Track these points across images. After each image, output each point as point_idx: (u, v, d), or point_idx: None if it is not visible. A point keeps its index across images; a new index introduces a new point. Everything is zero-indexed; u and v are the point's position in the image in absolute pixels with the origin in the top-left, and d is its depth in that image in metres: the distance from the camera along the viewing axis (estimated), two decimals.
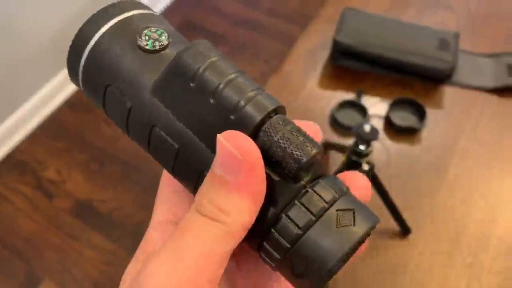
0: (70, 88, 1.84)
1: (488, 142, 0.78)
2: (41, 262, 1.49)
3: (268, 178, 0.20)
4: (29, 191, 1.62)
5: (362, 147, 0.59)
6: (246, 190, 0.19)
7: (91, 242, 1.52)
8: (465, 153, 0.76)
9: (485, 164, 0.75)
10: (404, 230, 0.69)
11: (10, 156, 1.69)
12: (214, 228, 0.19)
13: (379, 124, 0.80)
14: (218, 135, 0.19)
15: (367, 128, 0.58)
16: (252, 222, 0.20)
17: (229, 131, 0.19)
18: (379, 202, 0.67)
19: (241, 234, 0.19)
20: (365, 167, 0.61)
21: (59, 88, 1.81)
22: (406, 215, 0.68)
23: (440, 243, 0.68)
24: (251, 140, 0.19)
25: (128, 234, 1.53)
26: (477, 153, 0.76)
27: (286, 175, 0.20)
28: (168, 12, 2.11)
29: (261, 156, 0.19)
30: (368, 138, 0.58)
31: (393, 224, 0.68)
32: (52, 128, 1.77)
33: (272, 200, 0.20)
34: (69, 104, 1.82)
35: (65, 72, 1.79)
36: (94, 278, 1.45)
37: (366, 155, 0.60)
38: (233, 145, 0.19)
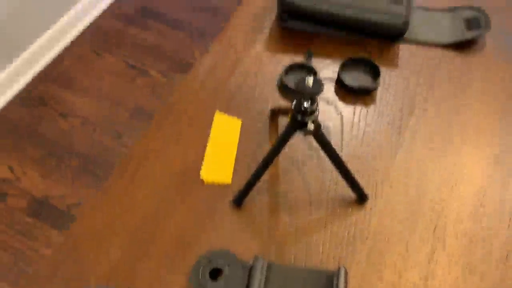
0: (21, 82, 1.74)
1: (446, 100, 0.73)
2: None
3: None
4: None
5: (306, 104, 0.53)
6: None
7: (49, 240, 1.44)
8: (422, 112, 0.71)
9: (444, 123, 0.70)
10: (361, 198, 0.63)
11: None
12: None
13: (330, 86, 0.74)
14: None
15: (309, 81, 0.52)
16: None
17: None
18: (330, 166, 0.61)
19: None
20: (311, 126, 0.54)
21: (8, 83, 1.71)
22: (362, 180, 0.63)
23: (400, 208, 0.63)
24: None
25: None
26: (435, 112, 0.71)
27: None
28: None
29: None
30: (312, 92, 0.52)
31: (348, 192, 0.62)
32: (1, 125, 1.67)
33: None
34: (20, 99, 1.73)
35: (14, 65, 1.70)
36: None
37: (312, 112, 0.54)
38: None
